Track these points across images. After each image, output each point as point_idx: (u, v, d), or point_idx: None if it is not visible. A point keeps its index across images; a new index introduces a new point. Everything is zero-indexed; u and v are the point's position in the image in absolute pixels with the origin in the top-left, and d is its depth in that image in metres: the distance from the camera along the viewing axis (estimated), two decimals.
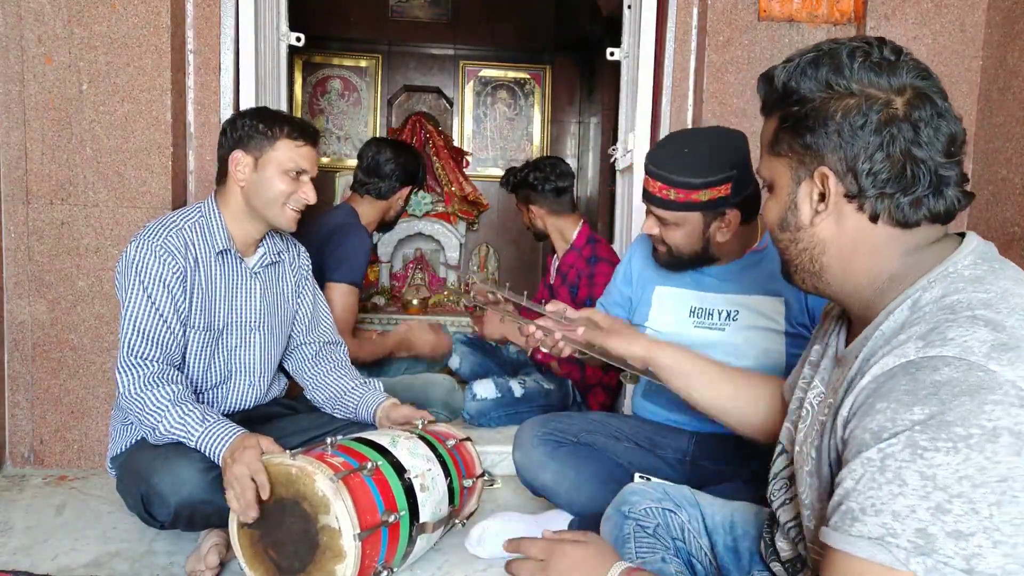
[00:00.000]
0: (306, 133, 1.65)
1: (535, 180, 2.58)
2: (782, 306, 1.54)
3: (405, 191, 2.51)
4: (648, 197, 1.53)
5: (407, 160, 2.49)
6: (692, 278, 1.65)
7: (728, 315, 1.59)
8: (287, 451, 1.39)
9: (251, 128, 1.62)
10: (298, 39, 2.38)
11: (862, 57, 0.82)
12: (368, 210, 2.43)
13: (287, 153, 1.62)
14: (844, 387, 0.82)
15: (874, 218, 0.84)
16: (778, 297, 1.55)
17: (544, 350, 1.43)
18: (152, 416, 1.47)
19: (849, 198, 0.84)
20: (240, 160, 1.62)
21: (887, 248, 0.85)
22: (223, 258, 1.66)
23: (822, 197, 0.86)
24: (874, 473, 0.69)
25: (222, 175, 1.67)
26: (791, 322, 1.54)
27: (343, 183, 5.01)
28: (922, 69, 0.83)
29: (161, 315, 1.55)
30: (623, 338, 1.29)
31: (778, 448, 1.03)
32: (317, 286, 1.91)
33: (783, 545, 0.99)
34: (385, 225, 2.55)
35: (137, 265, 1.55)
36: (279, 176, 1.62)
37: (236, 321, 1.70)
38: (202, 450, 1.44)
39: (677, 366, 1.24)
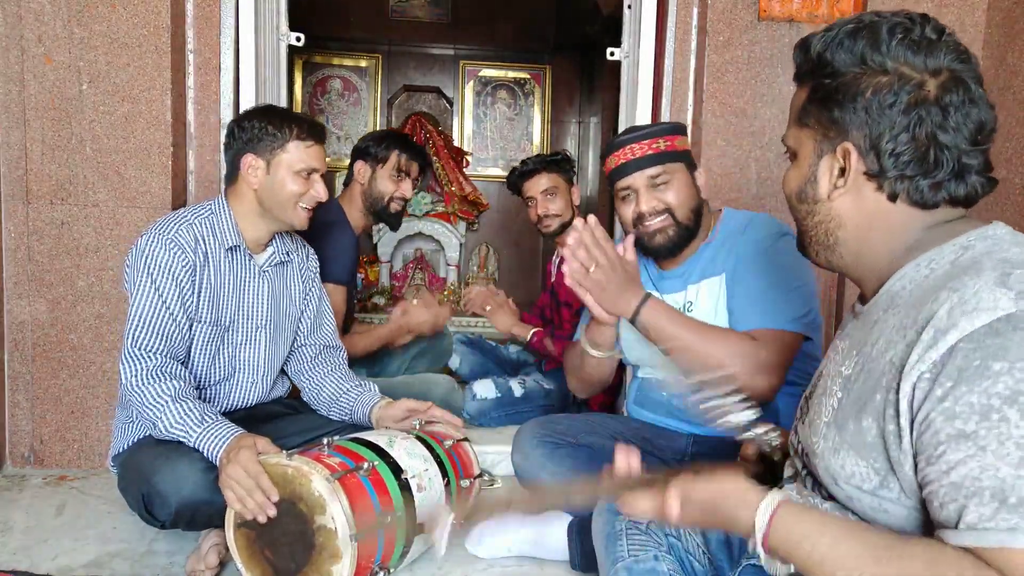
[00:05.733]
0: (314, 132, 1.67)
1: (568, 161, 2.60)
2: (722, 282, 1.55)
3: (361, 166, 2.31)
4: (636, 166, 1.52)
5: (370, 138, 2.36)
6: (654, 283, 1.65)
7: (684, 308, 1.59)
8: (283, 451, 1.39)
9: (261, 130, 1.63)
10: (298, 39, 2.38)
11: (902, 34, 0.81)
12: (350, 202, 2.35)
13: (298, 154, 1.64)
14: (895, 335, 0.79)
15: (892, 198, 0.83)
16: (719, 276, 1.55)
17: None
18: (152, 410, 1.48)
19: (869, 176, 0.84)
20: (252, 163, 1.64)
21: (905, 225, 0.84)
22: (232, 254, 1.67)
23: (842, 172, 0.85)
24: None
25: (232, 175, 1.68)
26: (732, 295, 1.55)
27: (342, 183, 5.00)
28: (962, 52, 0.82)
29: (168, 307, 1.56)
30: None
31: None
32: (324, 289, 1.91)
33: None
34: (376, 215, 2.36)
35: (147, 257, 1.56)
36: (291, 177, 1.63)
37: (243, 318, 1.70)
38: (200, 449, 1.45)
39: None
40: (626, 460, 0.93)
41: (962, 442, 0.69)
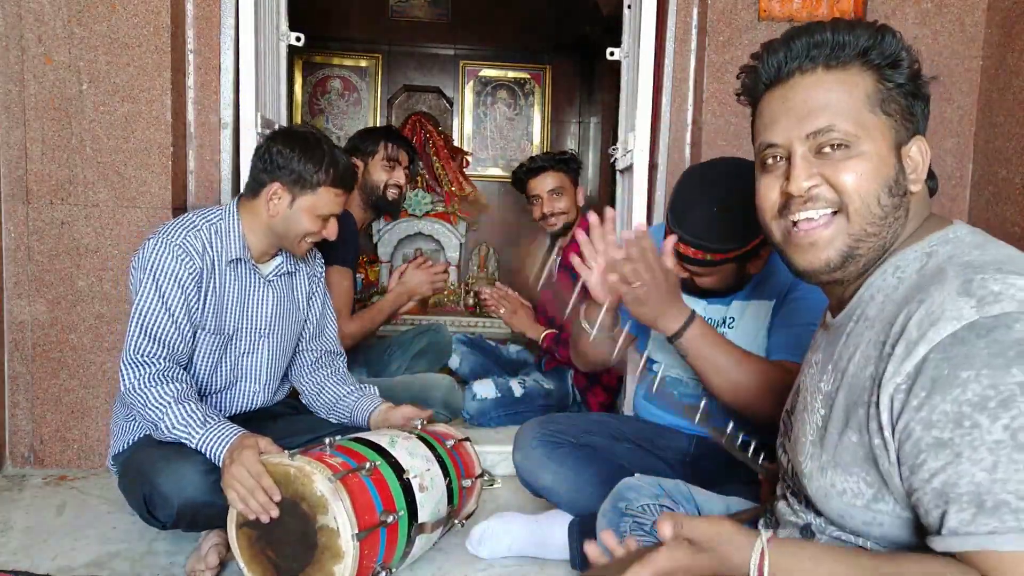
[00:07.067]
0: (347, 182, 1.65)
1: (576, 161, 2.67)
2: (771, 308, 1.54)
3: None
4: (681, 257, 1.45)
5: (356, 136, 2.48)
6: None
7: (724, 322, 1.58)
8: (286, 451, 1.39)
9: (298, 165, 1.58)
10: (298, 39, 2.38)
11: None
12: (349, 200, 2.33)
13: (326, 200, 1.62)
14: (872, 350, 0.79)
15: (933, 187, 0.90)
16: (769, 301, 1.54)
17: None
18: (154, 412, 1.48)
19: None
20: (277, 193, 1.60)
21: (920, 218, 0.87)
22: (237, 265, 1.66)
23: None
24: (1011, 452, 0.66)
25: (253, 191, 1.63)
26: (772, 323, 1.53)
27: None
28: None
29: (171, 314, 1.54)
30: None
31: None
32: (328, 294, 1.90)
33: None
34: (375, 206, 2.42)
35: (154, 262, 1.55)
36: (310, 219, 1.62)
37: (247, 327, 1.69)
38: (202, 451, 1.44)
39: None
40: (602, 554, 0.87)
41: (940, 450, 0.70)
